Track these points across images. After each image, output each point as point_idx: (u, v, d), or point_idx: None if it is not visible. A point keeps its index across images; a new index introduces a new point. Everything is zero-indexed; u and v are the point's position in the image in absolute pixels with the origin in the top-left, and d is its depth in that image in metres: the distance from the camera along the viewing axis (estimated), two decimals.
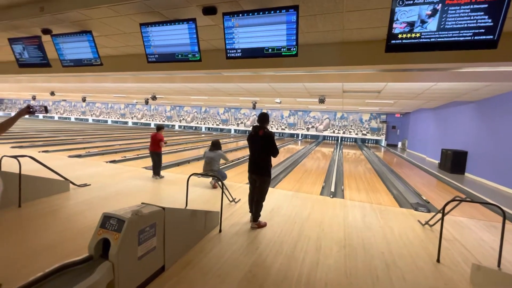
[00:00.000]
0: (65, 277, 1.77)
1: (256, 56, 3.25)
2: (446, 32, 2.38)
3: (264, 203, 3.62)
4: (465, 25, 2.32)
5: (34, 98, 20.25)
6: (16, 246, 2.70)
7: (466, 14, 2.29)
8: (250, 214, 3.74)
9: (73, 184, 4.81)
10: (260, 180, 3.50)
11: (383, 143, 19.82)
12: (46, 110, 2.53)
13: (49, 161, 5.41)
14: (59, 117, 30.67)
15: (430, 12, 2.39)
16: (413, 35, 2.49)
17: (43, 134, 14.31)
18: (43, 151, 8.82)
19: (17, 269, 2.31)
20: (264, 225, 3.61)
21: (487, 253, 3.16)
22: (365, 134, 20.36)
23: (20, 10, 3.73)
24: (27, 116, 2.40)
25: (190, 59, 3.63)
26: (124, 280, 1.95)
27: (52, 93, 15.77)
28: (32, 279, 1.65)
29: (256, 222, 3.55)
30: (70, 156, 8.14)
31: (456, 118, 9.98)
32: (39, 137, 13.10)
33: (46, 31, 4.22)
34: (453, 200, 3.14)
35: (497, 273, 2.33)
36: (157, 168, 5.95)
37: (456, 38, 2.37)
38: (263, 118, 3.46)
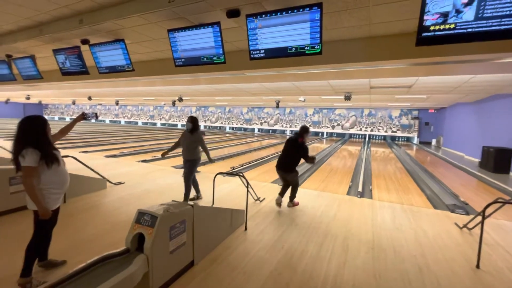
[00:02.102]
0: (106, 267, 1.93)
1: (279, 56, 3.26)
2: (485, 21, 2.21)
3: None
4: (508, 13, 2.13)
5: (74, 102, 22.02)
6: (65, 238, 2.99)
7: (509, 1, 2.11)
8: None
9: (110, 182, 5.19)
10: (289, 175, 4.20)
11: (415, 140, 18.70)
12: (96, 116, 2.92)
13: (88, 161, 5.87)
14: (95, 120, 33.01)
15: (466, 1, 2.23)
16: (447, 26, 2.34)
17: (82, 136, 15.52)
18: (83, 152, 9.58)
19: (68, 258, 2.56)
20: (297, 204, 4.35)
21: None
22: (395, 132, 19.36)
23: (62, 24, 4.10)
24: (82, 121, 2.82)
25: (215, 61, 3.74)
26: (158, 272, 2.08)
27: (90, 98, 17.03)
28: (77, 268, 1.83)
29: (291, 202, 4.33)
30: (106, 156, 8.76)
31: (499, 113, 9.13)
32: (79, 138, 14.22)
33: (84, 41, 4.59)
34: (495, 202, 2.91)
35: None
36: None
37: (497, 27, 2.18)
38: (305, 129, 4.19)
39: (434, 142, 17.54)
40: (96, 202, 4.27)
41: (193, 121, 4.23)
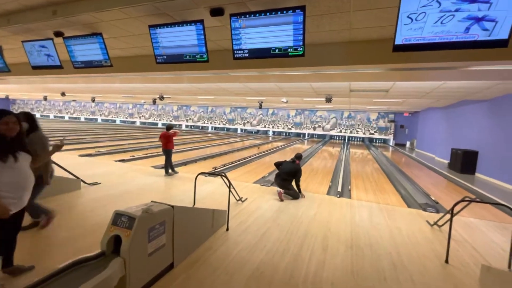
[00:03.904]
0: (79, 272, 1.83)
1: (263, 56, 3.28)
2: (456, 32, 2.36)
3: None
4: (476, 25, 2.29)
5: (45, 98, 20.74)
6: (32, 242, 2.80)
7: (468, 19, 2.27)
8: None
9: (84, 182, 4.94)
10: (289, 189, 4.88)
11: (391, 142, 19.56)
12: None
13: (61, 160, 5.55)
14: (69, 117, 31.33)
15: (439, 12, 2.36)
16: (420, 35, 2.47)
17: (54, 134, 14.66)
18: None
19: (37, 263, 2.38)
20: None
21: (497, 255, 3.11)
22: (373, 134, 20.13)
23: (34, 14, 3.85)
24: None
25: (198, 60, 3.68)
26: (135, 275, 2.01)
27: (63, 94, 16.13)
28: (48, 274, 1.72)
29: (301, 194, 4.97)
30: (80, 155, 8.33)
31: (466, 117, 9.79)
32: (51, 136, 13.37)
33: (58, 34, 4.34)
34: (462, 200, 3.11)
35: (507, 275, 2.30)
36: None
37: (466, 39, 2.34)
38: (300, 156, 5.21)
39: (408, 144, 18.44)
40: (69, 203, 4.05)
41: (28, 118, 2.89)
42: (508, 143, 7.10)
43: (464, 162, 8.63)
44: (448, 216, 3.32)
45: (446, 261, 2.86)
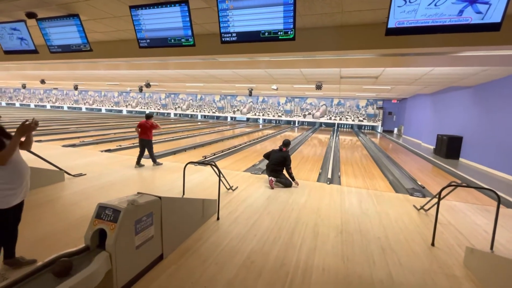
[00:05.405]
0: None
1: (252, 40, 3.14)
2: (449, 15, 2.30)
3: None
4: (469, 8, 2.24)
5: (24, 86, 19.72)
6: None
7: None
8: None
9: (68, 174, 4.76)
10: (281, 179, 4.85)
11: (379, 129, 19.87)
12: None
13: (43, 151, 5.32)
14: (51, 106, 30.05)
15: None
16: (414, 18, 2.40)
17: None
18: (35, 141, 8.67)
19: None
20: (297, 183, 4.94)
21: (480, 237, 3.22)
22: (362, 121, 20.35)
23: None
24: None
25: (183, 43, 3.50)
26: (122, 269, 1.95)
27: (43, 81, 15.35)
28: (29, 270, 1.64)
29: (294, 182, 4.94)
30: (64, 146, 8.03)
31: (452, 104, 9.97)
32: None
33: (30, 15, 4.01)
34: (449, 185, 3.16)
35: (490, 256, 2.37)
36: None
37: (459, 22, 2.29)
38: (288, 143, 5.16)
39: (395, 130, 18.79)
40: (52, 196, 3.90)
41: None
42: (491, 128, 7.31)
43: (449, 147, 8.85)
44: (434, 200, 3.39)
45: (433, 244, 2.94)
